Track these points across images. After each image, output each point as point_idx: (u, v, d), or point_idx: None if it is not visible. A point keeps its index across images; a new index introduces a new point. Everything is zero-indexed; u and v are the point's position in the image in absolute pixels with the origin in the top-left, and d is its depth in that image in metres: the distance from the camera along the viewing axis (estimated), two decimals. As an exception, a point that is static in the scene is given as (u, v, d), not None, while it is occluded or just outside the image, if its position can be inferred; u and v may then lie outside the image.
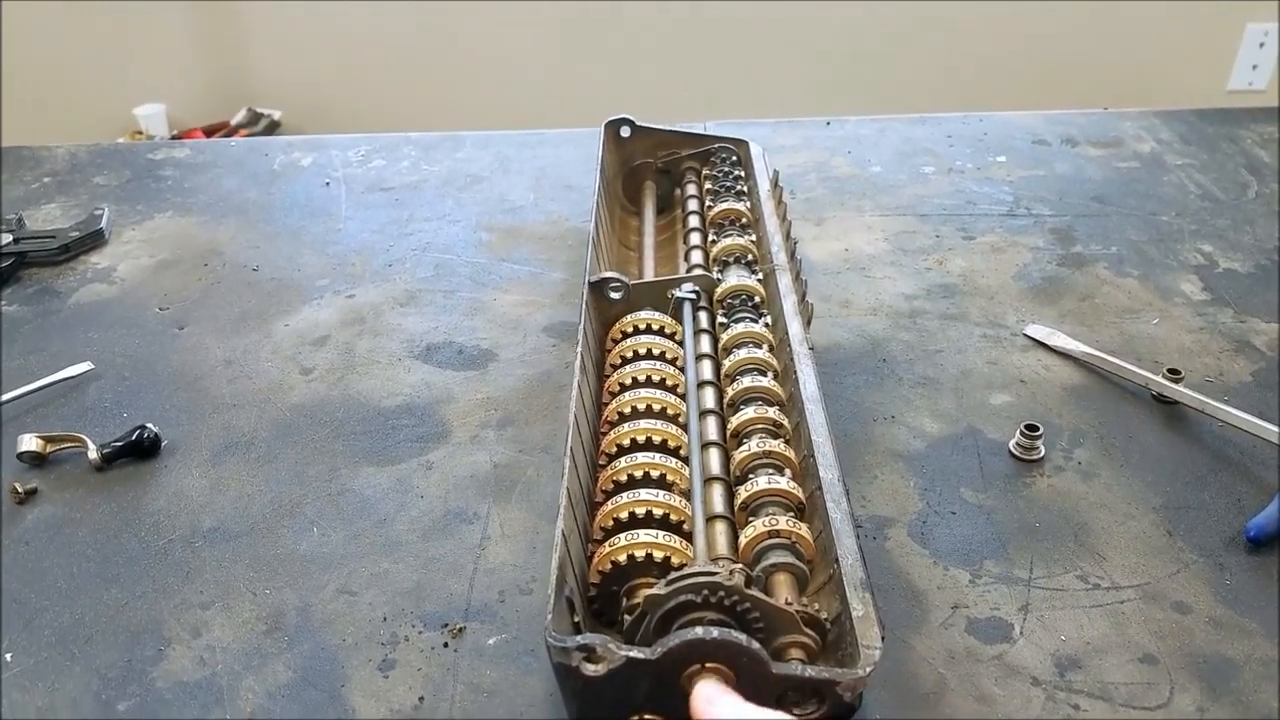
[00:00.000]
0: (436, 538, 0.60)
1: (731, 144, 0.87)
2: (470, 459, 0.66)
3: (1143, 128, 1.11)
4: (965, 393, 0.71)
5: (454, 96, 2.64)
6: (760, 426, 0.57)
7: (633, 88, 2.59)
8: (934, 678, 0.50)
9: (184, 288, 0.85)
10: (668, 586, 0.44)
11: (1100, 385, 0.71)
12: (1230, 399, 0.68)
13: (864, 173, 1.03)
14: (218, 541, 0.60)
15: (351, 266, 0.88)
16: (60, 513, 0.62)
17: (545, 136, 1.12)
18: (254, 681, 0.51)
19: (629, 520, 0.52)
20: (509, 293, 0.84)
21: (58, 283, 0.87)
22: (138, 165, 1.08)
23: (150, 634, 0.54)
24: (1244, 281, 0.83)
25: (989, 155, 1.06)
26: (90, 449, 0.64)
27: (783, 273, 0.70)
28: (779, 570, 0.49)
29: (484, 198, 0.99)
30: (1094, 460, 0.64)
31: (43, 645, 0.53)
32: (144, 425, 0.66)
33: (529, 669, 0.51)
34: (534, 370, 0.74)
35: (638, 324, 0.68)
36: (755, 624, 0.44)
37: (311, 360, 0.76)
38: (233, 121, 2.64)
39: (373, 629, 0.54)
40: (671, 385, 0.62)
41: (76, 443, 0.65)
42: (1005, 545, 0.58)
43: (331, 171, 1.05)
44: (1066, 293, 0.82)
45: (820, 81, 2.58)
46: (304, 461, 0.66)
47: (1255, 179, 1.00)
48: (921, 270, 0.86)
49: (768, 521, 0.50)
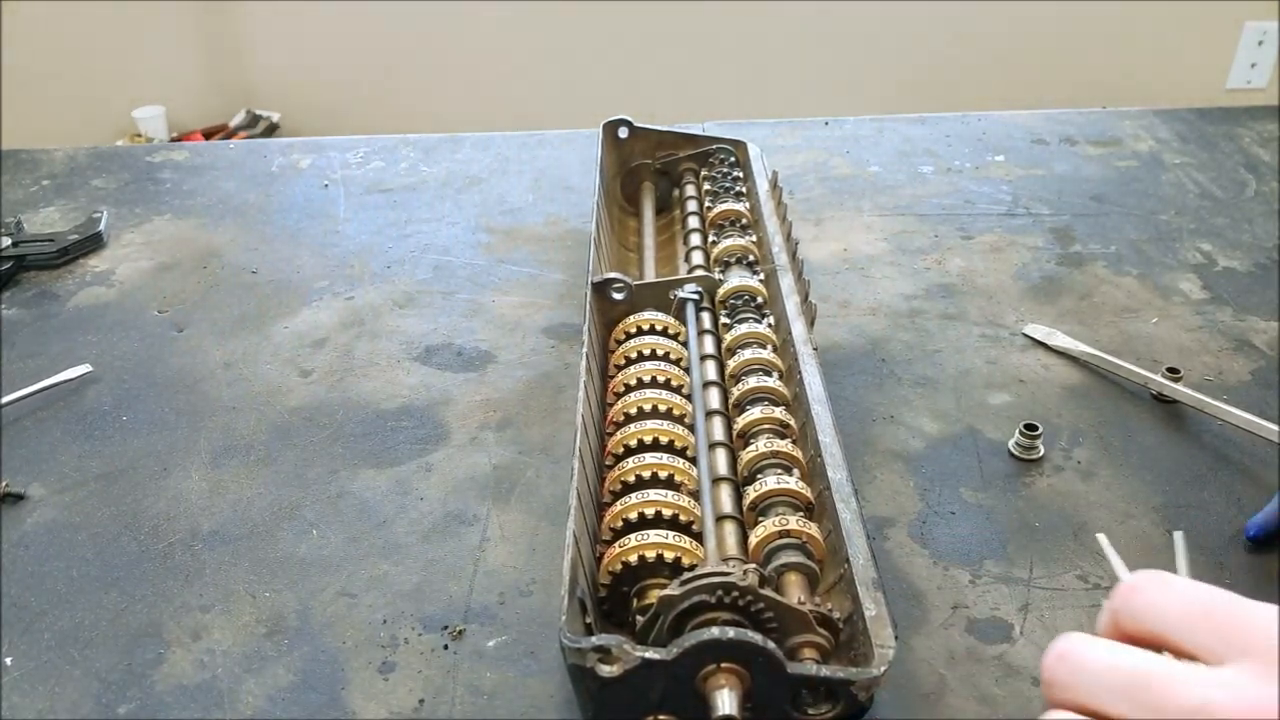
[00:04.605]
0: (436, 540, 0.60)
1: (730, 144, 0.87)
2: (469, 461, 0.66)
3: (1141, 126, 1.11)
4: (964, 392, 0.71)
5: (452, 98, 2.64)
6: (767, 427, 0.57)
7: (631, 88, 2.59)
8: (934, 678, 0.50)
9: (183, 290, 0.85)
10: (682, 587, 0.44)
11: (1099, 384, 0.71)
12: (1229, 398, 0.68)
13: (862, 173, 1.03)
14: (217, 544, 0.60)
15: (350, 268, 0.88)
16: (60, 516, 0.62)
17: (544, 138, 1.12)
18: (254, 684, 0.51)
19: (639, 521, 0.52)
20: (508, 294, 0.84)
21: (56, 286, 0.87)
22: (136, 168, 1.08)
23: (150, 637, 0.54)
24: (1243, 280, 0.83)
25: (987, 155, 1.06)
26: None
27: (784, 273, 0.70)
28: (790, 570, 0.49)
29: (483, 199, 0.99)
30: (1093, 459, 0.64)
31: (43, 649, 0.53)
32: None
33: (529, 671, 0.51)
34: (533, 372, 0.74)
35: (641, 325, 0.68)
36: (769, 624, 0.44)
37: (310, 362, 0.76)
38: (231, 124, 2.64)
39: (372, 631, 0.54)
40: (677, 386, 0.62)
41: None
42: (1005, 545, 0.58)
43: (330, 173, 1.05)
44: (1065, 292, 0.82)
45: (819, 81, 2.58)
46: (303, 464, 0.66)
47: (1254, 177, 1.00)
48: (920, 270, 0.86)
49: (778, 521, 0.50)
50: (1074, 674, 0.36)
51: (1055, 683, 0.36)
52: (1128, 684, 0.35)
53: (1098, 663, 0.36)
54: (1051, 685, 0.37)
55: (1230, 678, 0.33)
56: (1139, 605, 0.37)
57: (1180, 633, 0.35)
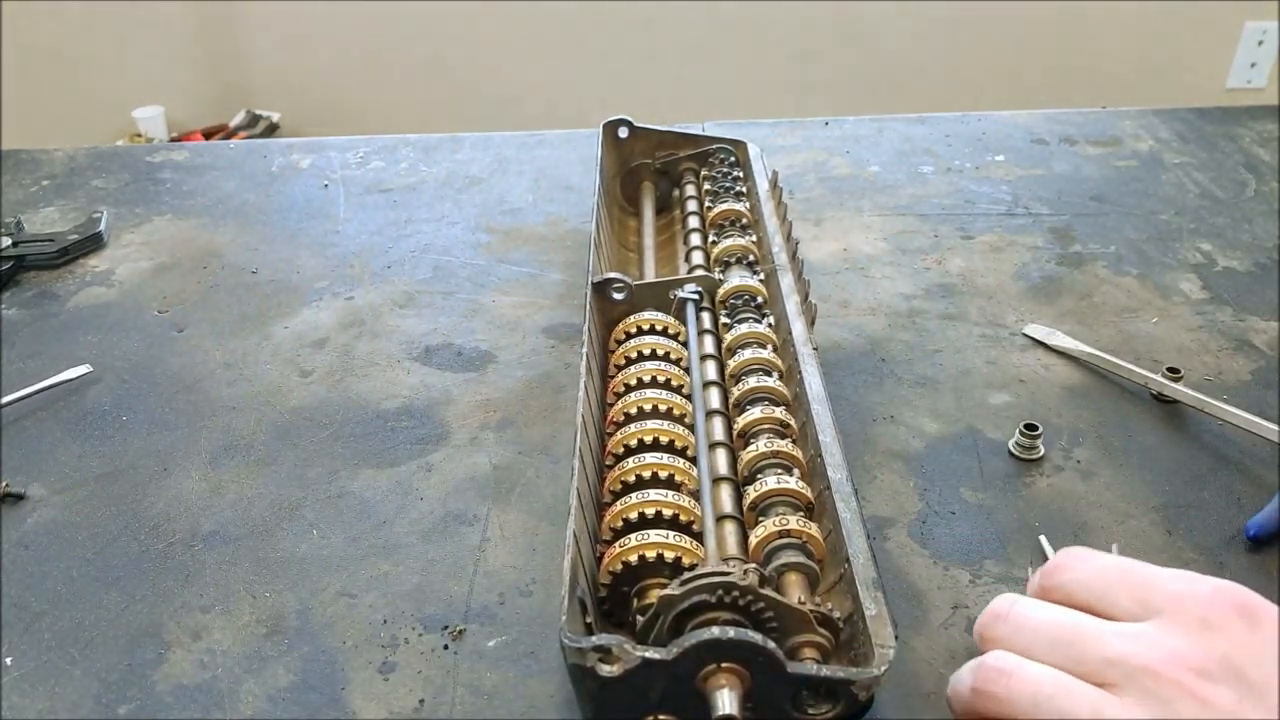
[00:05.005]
0: (436, 540, 0.60)
1: (730, 144, 0.87)
2: (469, 461, 0.66)
3: (1141, 126, 1.11)
4: (964, 392, 0.71)
5: (452, 98, 2.64)
6: (767, 426, 0.57)
7: (631, 88, 2.59)
8: (934, 678, 0.50)
9: (183, 290, 0.85)
10: (682, 586, 0.44)
11: (1099, 384, 0.71)
12: (1230, 398, 0.68)
13: (862, 172, 1.03)
14: (217, 544, 0.60)
15: (350, 268, 0.88)
16: (60, 516, 0.62)
17: (544, 138, 1.12)
18: (254, 684, 0.51)
19: (639, 520, 0.52)
20: (508, 294, 0.84)
21: (56, 286, 0.87)
22: (136, 168, 1.08)
23: (150, 637, 0.54)
24: (1243, 280, 0.83)
25: (987, 154, 1.06)
26: None
27: (784, 273, 0.70)
28: (791, 570, 0.49)
29: (483, 199, 0.99)
30: (1093, 459, 0.64)
31: (42, 649, 0.53)
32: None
33: (529, 671, 0.51)
34: (533, 372, 0.74)
35: (641, 324, 0.68)
36: (769, 624, 0.44)
37: (310, 362, 0.76)
38: (231, 124, 2.64)
39: (373, 631, 0.54)
40: (677, 386, 0.62)
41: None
42: (1005, 545, 0.58)
43: (330, 173, 1.05)
44: (1065, 292, 0.82)
45: (818, 81, 2.59)
46: (303, 464, 0.66)
47: (1254, 177, 1.00)
48: (920, 270, 0.86)
49: (778, 521, 0.50)
50: (1015, 632, 0.42)
51: (993, 639, 0.42)
52: (1059, 638, 0.40)
53: (1035, 619, 0.42)
54: (987, 641, 0.43)
55: (1146, 631, 0.39)
56: (1065, 579, 0.43)
57: (1102, 599, 0.41)
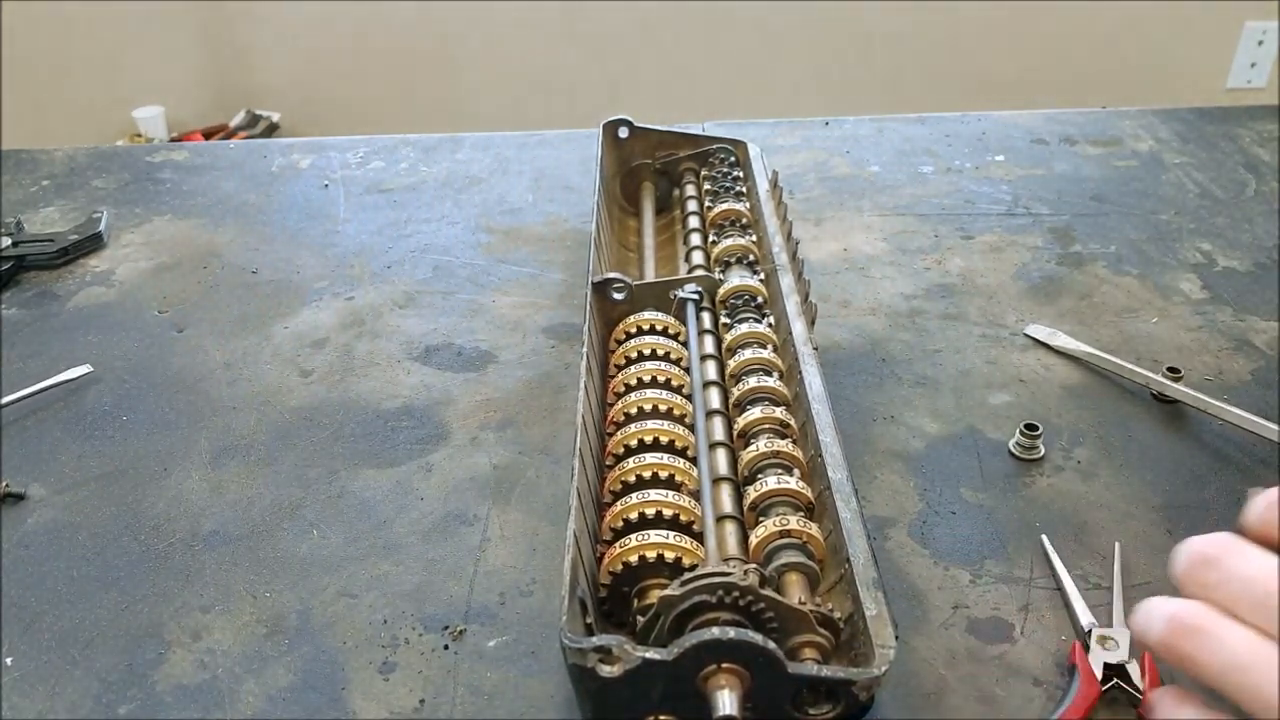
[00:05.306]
0: (436, 540, 0.60)
1: (730, 144, 0.87)
2: (470, 461, 0.66)
3: (1141, 126, 1.11)
4: (965, 392, 0.71)
5: (452, 98, 2.64)
6: (767, 426, 0.57)
7: (631, 88, 2.59)
8: (935, 678, 0.50)
9: (183, 290, 0.85)
10: (683, 587, 0.44)
11: (1100, 384, 0.71)
12: (1230, 398, 0.68)
13: (862, 173, 1.03)
14: (218, 544, 0.60)
15: (350, 268, 0.88)
16: (60, 516, 0.62)
17: (544, 138, 1.12)
18: (254, 684, 0.51)
19: (639, 521, 0.52)
20: (508, 294, 0.84)
21: (56, 286, 0.87)
22: (136, 168, 1.08)
23: (151, 637, 0.54)
24: (1243, 280, 0.83)
25: (987, 154, 1.06)
26: None
27: (784, 273, 0.70)
28: (791, 570, 0.49)
29: (483, 199, 0.99)
30: (1094, 459, 0.64)
31: (43, 649, 0.53)
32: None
33: (529, 671, 0.51)
34: (533, 372, 0.74)
35: (641, 324, 0.68)
36: (769, 624, 0.44)
37: (311, 363, 0.76)
38: (231, 124, 2.64)
39: (373, 631, 0.54)
40: (677, 386, 0.62)
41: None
42: (1005, 545, 0.58)
43: (330, 173, 1.05)
44: (1065, 292, 0.82)
45: (818, 81, 2.59)
46: (304, 464, 0.66)
47: (1254, 177, 1.00)
48: (920, 270, 0.86)
49: (778, 521, 0.50)
50: (1223, 582, 0.35)
51: (1198, 585, 0.36)
52: (1271, 599, 0.33)
53: (1249, 571, 0.34)
54: (1189, 586, 0.36)
55: None
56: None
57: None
